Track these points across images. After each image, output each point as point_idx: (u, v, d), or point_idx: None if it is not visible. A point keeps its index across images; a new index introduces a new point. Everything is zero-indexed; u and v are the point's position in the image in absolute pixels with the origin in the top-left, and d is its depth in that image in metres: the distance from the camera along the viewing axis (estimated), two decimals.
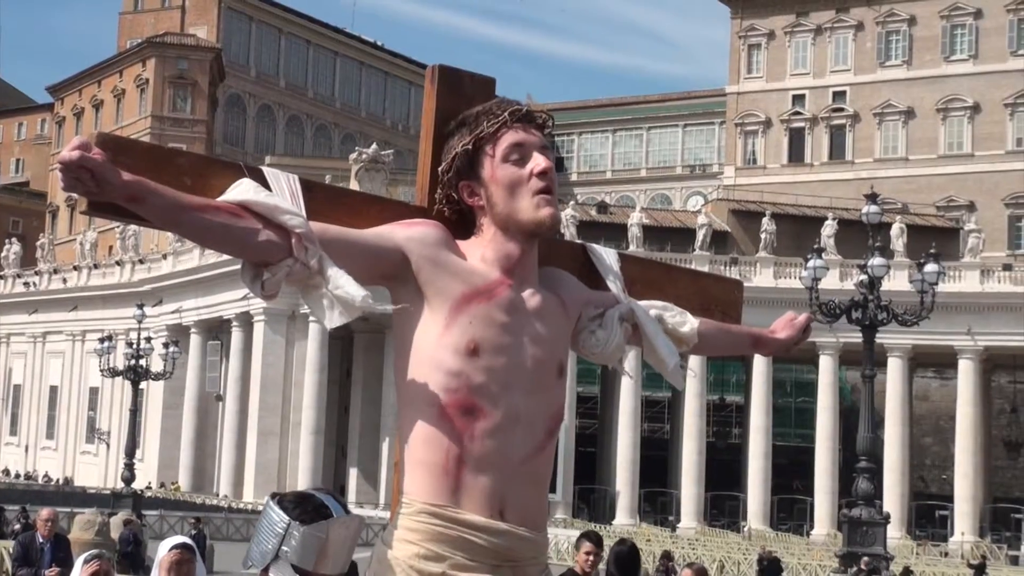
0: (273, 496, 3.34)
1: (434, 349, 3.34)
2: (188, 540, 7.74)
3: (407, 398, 3.40)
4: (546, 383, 3.45)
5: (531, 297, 3.46)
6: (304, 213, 3.23)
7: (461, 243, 3.47)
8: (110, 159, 3.01)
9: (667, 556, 22.30)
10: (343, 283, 3.20)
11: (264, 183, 3.27)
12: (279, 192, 3.26)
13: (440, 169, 3.54)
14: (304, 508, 3.26)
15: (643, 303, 3.77)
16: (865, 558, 29.64)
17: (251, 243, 3.17)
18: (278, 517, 3.25)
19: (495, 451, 3.33)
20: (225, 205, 3.16)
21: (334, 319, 3.25)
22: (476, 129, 3.47)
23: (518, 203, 3.42)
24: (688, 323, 3.82)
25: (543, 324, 3.46)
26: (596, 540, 10.33)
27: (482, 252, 3.45)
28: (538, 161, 3.45)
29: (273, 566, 3.26)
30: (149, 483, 70.04)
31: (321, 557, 3.23)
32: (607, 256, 3.85)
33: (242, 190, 3.21)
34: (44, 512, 15.73)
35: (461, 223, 3.53)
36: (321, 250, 3.21)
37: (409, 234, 3.39)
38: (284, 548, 3.23)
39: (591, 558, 10.05)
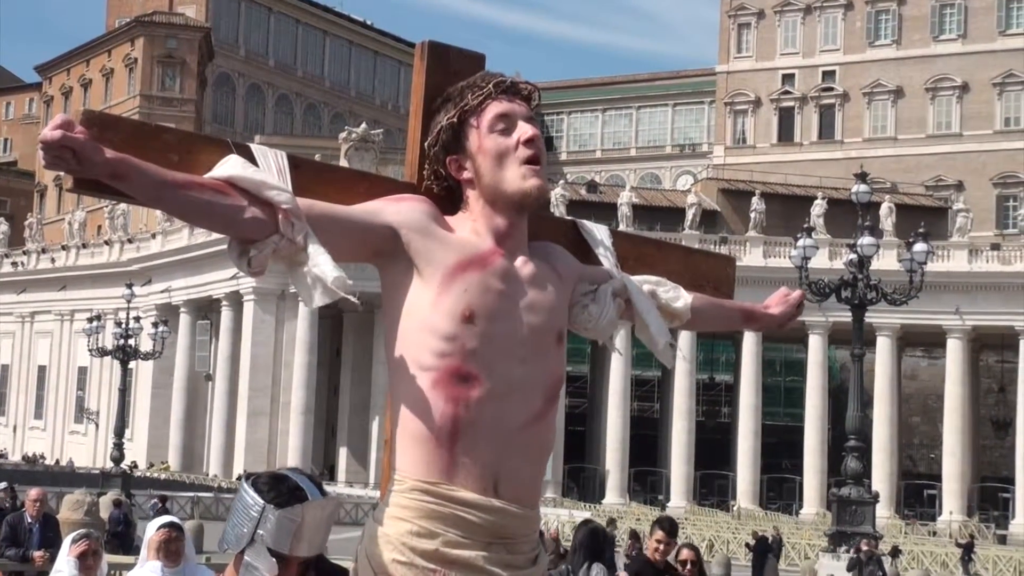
0: (247, 478, 3.32)
1: (428, 316, 3.31)
2: (175, 519, 7.76)
3: (399, 368, 3.37)
4: (543, 350, 3.42)
5: (525, 265, 3.44)
6: (291, 189, 3.21)
7: (449, 219, 3.45)
8: (96, 136, 2.99)
9: (635, 536, 22.14)
10: (320, 261, 3.17)
11: (252, 159, 3.24)
12: (266, 168, 3.23)
13: (427, 144, 3.52)
14: (279, 491, 3.22)
15: (636, 278, 3.76)
16: (864, 541, 29.65)
17: (237, 219, 3.14)
18: (252, 500, 3.22)
19: (491, 419, 3.31)
20: (210, 182, 3.14)
21: (316, 299, 3.22)
22: (461, 102, 3.46)
23: (505, 173, 3.40)
24: (681, 298, 3.81)
25: (539, 291, 3.44)
26: (669, 529, 9.88)
27: (472, 225, 3.44)
28: (524, 129, 3.43)
29: (249, 549, 3.23)
30: (134, 461, 69.91)
31: (296, 540, 3.21)
32: (598, 232, 3.84)
33: (229, 166, 3.19)
34: (32, 492, 15.65)
35: (449, 199, 3.51)
36: (308, 226, 3.19)
37: (397, 208, 3.37)
38: (260, 531, 3.21)
39: (661, 547, 9.69)
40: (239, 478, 57.48)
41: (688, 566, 9.57)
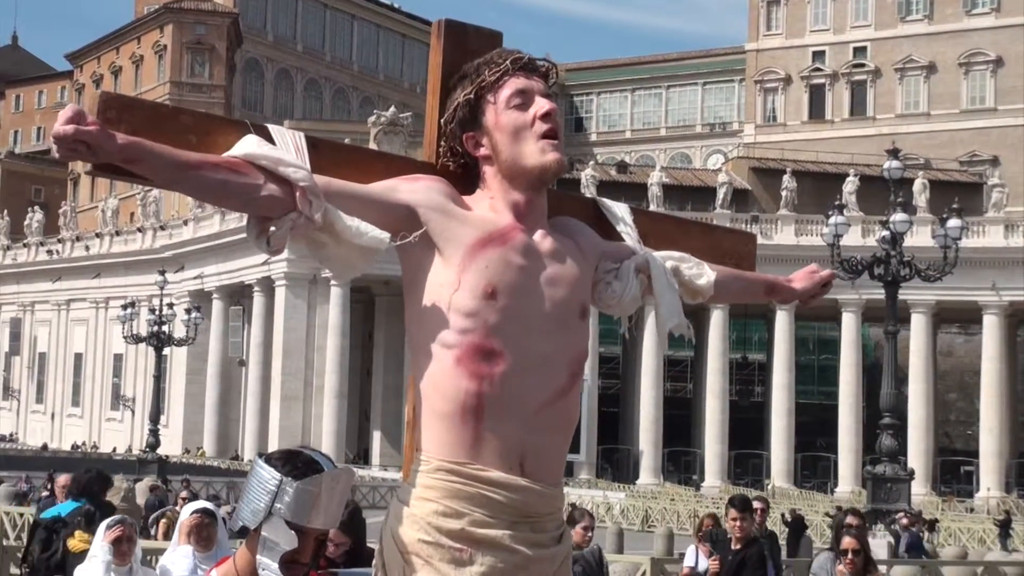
0: (260, 456, 3.37)
1: (449, 294, 3.31)
2: (208, 505, 7.82)
3: (422, 346, 3.36)
4: (567, 324, 3.41)
5: (545, 239, 3.43)
6: (309, 167, 3.21)
7: (466, 197, 3.45)
8: (114, 118, 3.02)
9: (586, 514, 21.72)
10: (365, 229, 3.21)
11: (270, 140, 3.25)
12: (284, 148, 3.24)
13: (443, 121, 3.51)
14: (294, 464, 3.30)
15: (660, 254, 3.74)
16: (904, 519, 29.42)
17: (253, 197, 3.15)
18: (269, 475, 3.29)
19: (514, 395, 3.29)
20: (225, 160, 3.14)
21: (357, 268, 3.29)
22: (478, 78, 3.45)
23: (523, 148, 3.40)
24: (704, 275, 3.78)
25: (561, 265, 3.43)
26: (740, 505, 10.71)
27: (490, 202, 3.43)
28: (541, 104, 3.42)
29: (265, 524, 3.29)
30: (146, 446, 70.32)
31: (314, 511, 3.27)
32: (618, 209, 3.83)
33: (245, 145, 3.20)
34: (61, 479, 15.72)
35: (466, 177, 3.50)
36: (326, 203, 3.19)
37: (413, 187, 3.37)
38: (277, 505, 3.27)
39: (738, 523, 10.55)
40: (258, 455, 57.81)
41: (852, 529, 9.94)
